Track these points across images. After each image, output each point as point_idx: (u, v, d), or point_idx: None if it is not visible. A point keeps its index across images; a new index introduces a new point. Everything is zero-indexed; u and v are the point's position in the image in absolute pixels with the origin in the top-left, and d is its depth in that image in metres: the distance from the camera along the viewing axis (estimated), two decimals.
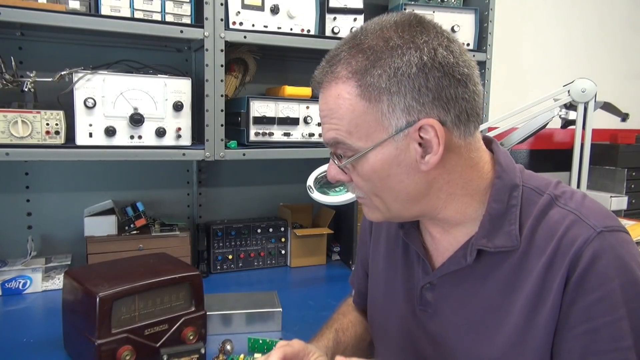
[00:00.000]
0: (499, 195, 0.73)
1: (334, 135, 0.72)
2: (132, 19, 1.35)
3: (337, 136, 0.71)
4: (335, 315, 1.03)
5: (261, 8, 1.49)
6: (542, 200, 0.72)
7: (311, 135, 1.58)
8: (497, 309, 0.72)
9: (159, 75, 1.39)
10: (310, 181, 1.46)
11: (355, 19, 1.64)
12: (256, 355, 1.10)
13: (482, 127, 1.64)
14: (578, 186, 1.58)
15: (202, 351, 1.02)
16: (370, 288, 0.97)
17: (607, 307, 0.64)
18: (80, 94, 1.28)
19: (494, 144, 0.79)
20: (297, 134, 1.56)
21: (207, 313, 1.13)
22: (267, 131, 1.51)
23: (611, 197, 2.27)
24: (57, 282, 1.49)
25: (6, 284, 1.45)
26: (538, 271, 0.69)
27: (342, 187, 1.46)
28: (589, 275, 0.65)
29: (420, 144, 0.69)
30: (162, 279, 1.06)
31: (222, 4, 1.41)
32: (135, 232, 1.58)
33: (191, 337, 1.08)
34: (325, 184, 1.48)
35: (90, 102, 1.28)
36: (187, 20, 1.41)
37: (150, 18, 1.37)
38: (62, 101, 1.32)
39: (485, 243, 0.72)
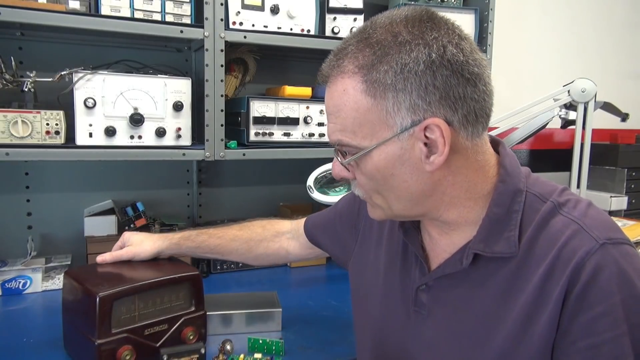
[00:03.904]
0: (500, 199, 0.71)
1: (338, 137, 0.72)
2: (132, 19, 1.35)
3: (342, 138, 0.71)
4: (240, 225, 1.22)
5: (261, 8, 1.49)
6: (544, 208, 0.70)
7: (311, 135, 1.57)
8: (491, 316, 0.71)
9: (159, 75, 1.39)
10: (310, 181, 1.46)
11: (355, 19, 1.64)
12: (256, 355, 1.10)
13: None
14: (578, 186, 1.58)
15: (202, 351, 1.02)
16: (364, 285, 0.95)
17: (610, 322, 0.62)
18: (80, 94, 1.28)
19: (500, 146, 0.77)
20: (297, 134, 1.56)
21: (207, 313, 1.13)
22: (267, 131, 1.51)
23: (611, 197, 2.26)
24: (57, 282, 1.49)
25: (6, 284, 1.45)
26: (536, 280, 0.67)
27: (342, 187, 1.46)
28: (591, 289, 0.63)
29: (425, 144, 0.67)
30: (162, 279, 1.06)
31: (222, 4, 1.41)
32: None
33: (191, 337, 1.08)
34: (325, 184, 1.48)
35: (90, 102, 1.28)
36: (187, 20, 1.41)
37: (150, 18, 1.37)
38: (62, 101, 1.32)
39: (482, 248, 0.71)
